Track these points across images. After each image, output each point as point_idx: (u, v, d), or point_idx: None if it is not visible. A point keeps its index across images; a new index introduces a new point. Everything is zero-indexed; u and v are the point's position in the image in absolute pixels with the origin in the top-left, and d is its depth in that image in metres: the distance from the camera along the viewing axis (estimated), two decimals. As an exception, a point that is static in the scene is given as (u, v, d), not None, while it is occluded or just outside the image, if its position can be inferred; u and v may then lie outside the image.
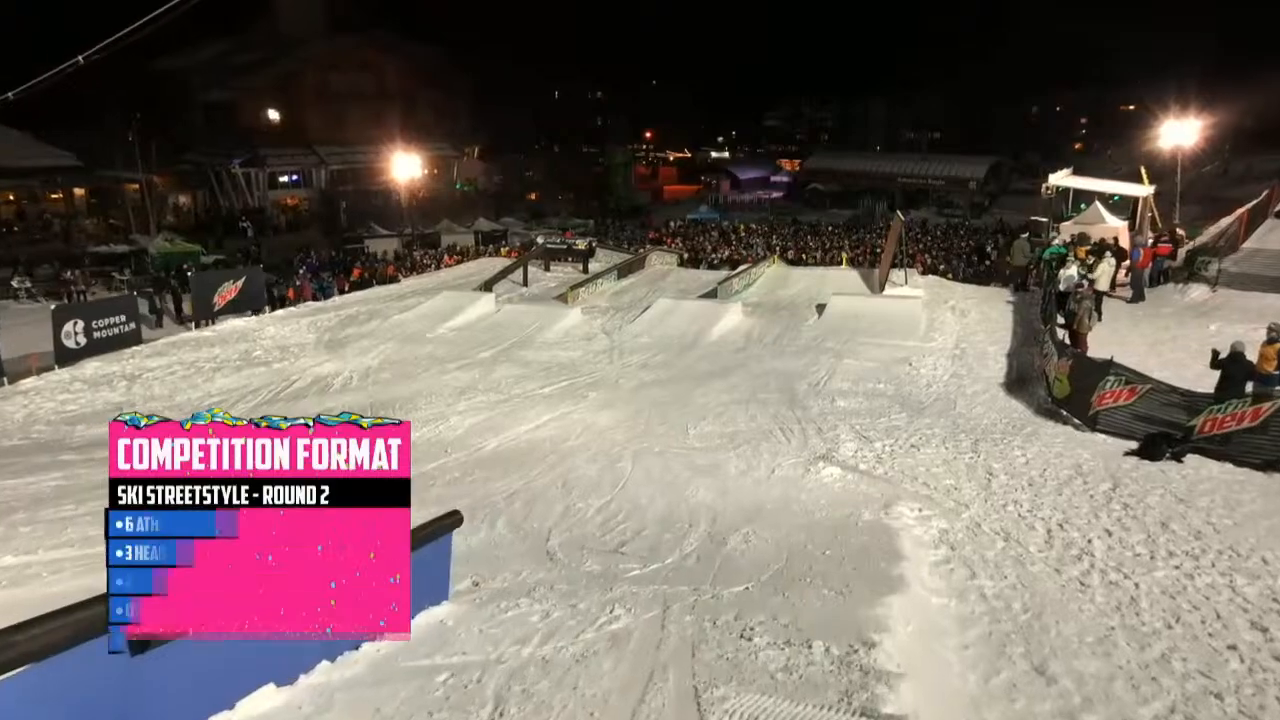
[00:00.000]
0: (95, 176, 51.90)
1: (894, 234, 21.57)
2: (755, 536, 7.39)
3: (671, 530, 7.77)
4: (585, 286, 21.74)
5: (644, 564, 6.98)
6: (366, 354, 16.74)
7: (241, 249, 47.27)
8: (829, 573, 6.41)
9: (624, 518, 8.15)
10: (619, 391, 14.23)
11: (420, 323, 19.13)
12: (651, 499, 8.65)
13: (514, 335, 18.23)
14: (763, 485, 9.17)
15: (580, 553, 7.33)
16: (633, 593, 6.12)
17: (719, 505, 8.41)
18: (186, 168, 59.91)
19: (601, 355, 16.68)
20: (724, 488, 9.07)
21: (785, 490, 8.91)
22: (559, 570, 6.94)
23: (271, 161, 58.85)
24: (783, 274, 23.74)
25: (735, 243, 45.79)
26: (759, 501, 8.50)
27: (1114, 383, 11.21)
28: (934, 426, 11.92)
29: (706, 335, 17.72)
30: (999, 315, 18.91)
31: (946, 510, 8.26)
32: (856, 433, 11.58)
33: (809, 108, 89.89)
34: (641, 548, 7.39)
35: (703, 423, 12.36)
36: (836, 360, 15.72)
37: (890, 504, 8.25)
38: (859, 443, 11.03)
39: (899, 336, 17.07)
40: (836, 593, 5.95)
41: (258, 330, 18.33)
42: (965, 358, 15.80)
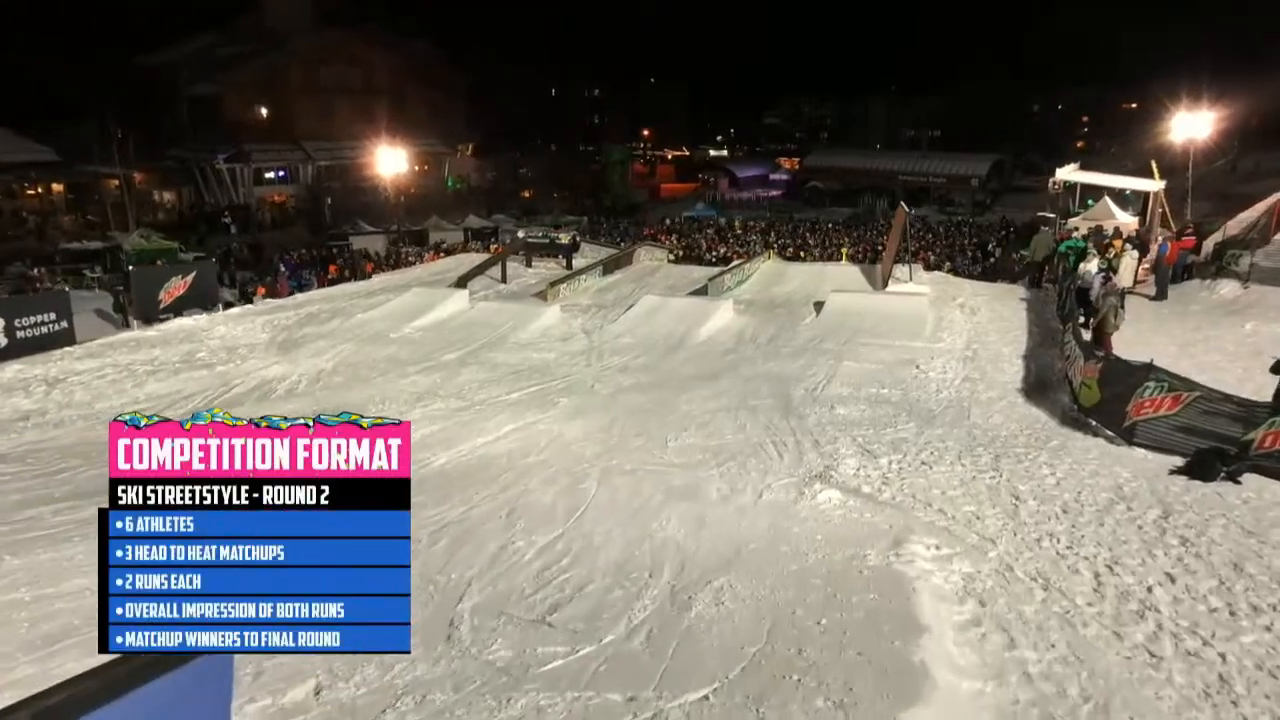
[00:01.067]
0: (73, 172, 50.38)
1: (898, 226, 20.06)
2: (731, 594, 5.90)
3: (625, 583, 6.27)
4: (566, 283, 20.28)
5: (573, 645, 5.46)
6: (321, 355, 15.27)
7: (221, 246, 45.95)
8: (825, 664, 4.91)
9: (570, 563, 6.64)
10: (594, 398, 12.77)
11: (385, 321, 17.65)
12: (609, 535, 7.16)
13: (485, 335, 16.77)
14: (747, 514, 7.70)
15: (495, 624, 5.79)
16: (539, 707, 4.58)
17: (691, 544, 6.91)
18: (171, 164, 58.50)
19: (579, 357, 15.22)
20: (701, 517, 7.59)
21: (774, 521, 7.43)
22: (452, 660, 5.37)
23: (257, 157, 57.37)
24: (778, 270, 22.24)
25: (732, 240, 44.40)
26: (741, 538, 7.02)
27: (1154, 389, 9.74)
28: (947, 439, 10.46)
29: (694, 335, 16.26)
30: (1011, 314, 17.44)
31: (969, 547, 6.79)
32: (859, 446, 10.12)
33: (808, 106, 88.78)
34: (578, 614, 5.86)
35: (684, 434, 10.90)
36: (836, 362, 14.27)
37: (901, 540, 6.78)
38: (862, 458, 9.57)
39: (904, 336, 15.61)
40: (835, 705, 4.45)
41: (207, 330, 16.85)
42: (978, 360, 14.34)
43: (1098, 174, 40.20)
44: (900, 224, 19.51)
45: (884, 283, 18.93)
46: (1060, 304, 17.50)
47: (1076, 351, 12.52)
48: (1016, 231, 46.40)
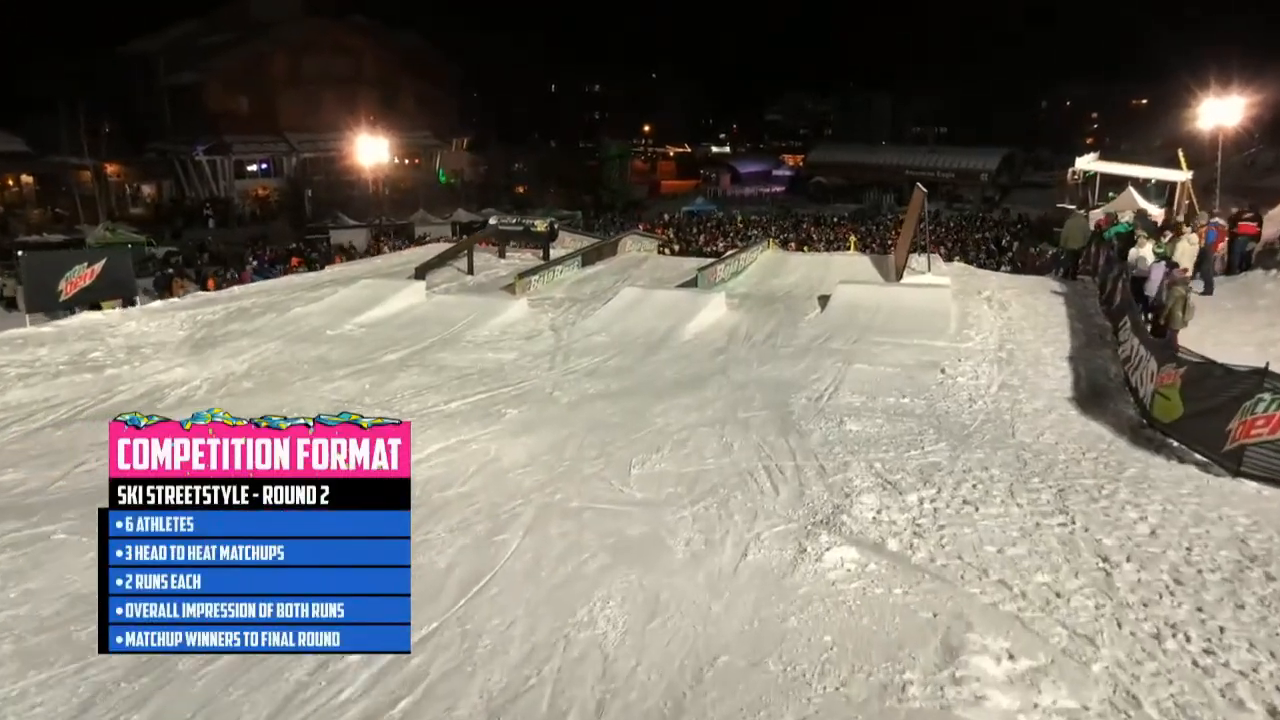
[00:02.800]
0: (40, 163, 48.13)
1: (914, 208, 17.65)
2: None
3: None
4: (539, 274, 17.91)
5: None
6: (237, 356, 12.93)
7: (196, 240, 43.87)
8: None
9: (415, 707, 4.16)
10: (550, 408, 10.43)
11: (324, 317, 15.29)
12: (505, 635, 4.74)
13: (437, 332, 14.42)
14: (723, 591, 5.31)
15: None
16: None
17: (627, 657, 4.46)
18: (152, 156, 56.34)
19: (541, 358, 12.87)
20: (653, 599, 5.20)
21: (760, 604, 5.06)
22: None
23: (238, 149, 55.07)
24: (778, 260, 19.78)
25: (733, 234, 42.07)
26: (708, 644, 4.61)
27: (1272, 404, 7.36)
28: (990, 464, 8.11)
29: (679, 333, 13.89)
30: (1047, 308, 15.04)
31: (1058, 653, 4.44)
32: (877, 475, 7.78)
33: (811, 102, 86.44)
34: None
35: (655, 457, 8.56)
36: (845, 365, 11.91)
37: (956, 645, 4.43)
38: (883, 494, 7.22)
39: (925, 334, 13.23)
40: None
41: (115, 326, 14.51)
42: (1014, 363, 11.96)
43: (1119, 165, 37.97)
44: (917, 207, 17.10)
45: (899, 274, 16.53)
46: (1104, 296, 15.14)
47: (1143, 353, 10.15)
48: (1031, 226, 44.09)
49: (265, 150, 56.16)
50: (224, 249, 40.21)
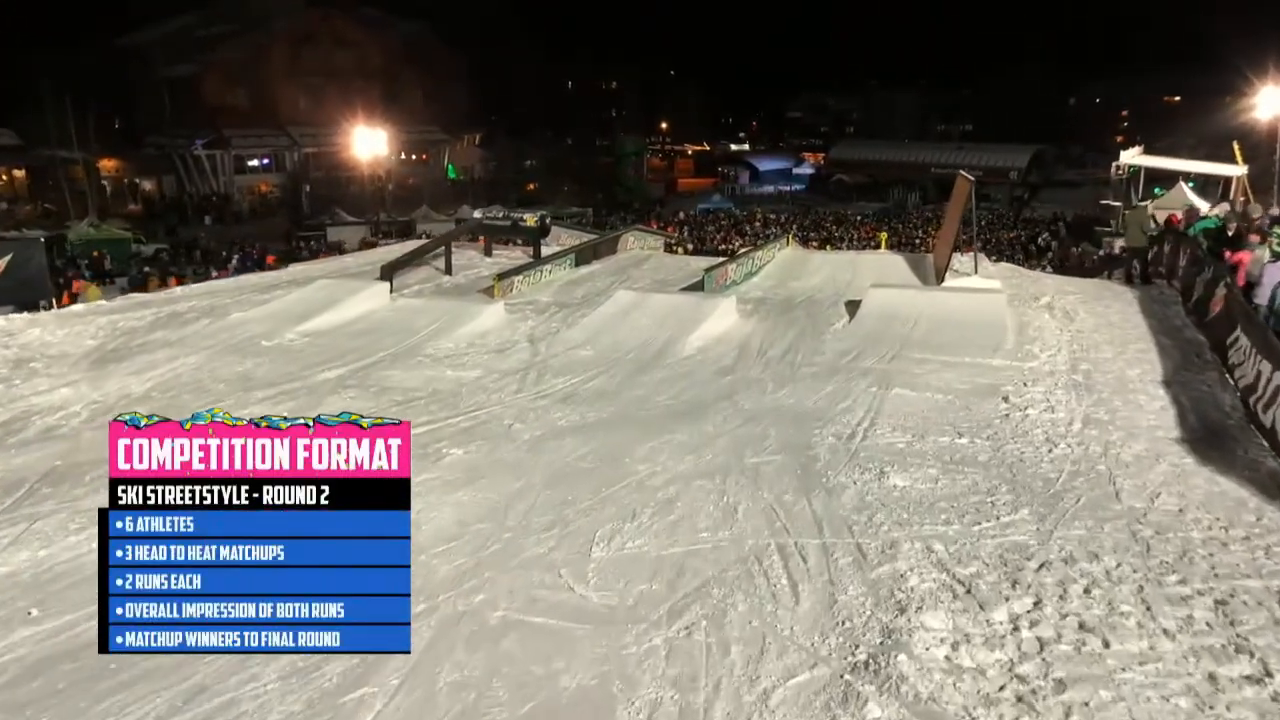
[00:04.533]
0: (31, 156, 46.40)
1: (958, 200, 15.13)
2: None
3: None
4: (524, 275, 15.57)
5: None
6: (143, 373, 10.69)
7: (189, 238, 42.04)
8: None
9: None
10: (506, 447, 8.12)
11: (265, 323, 13.02)
12: None
13: (394, 343, 12.13)
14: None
15: None
16: None
17: None
18: (152, 151, 54.60)
19: (509, 377, 10.54)
20: None
21: None
22: None
23: (237, 143, 53.19)
24: (798, 259, 17.26)
25: (750, 233, 39.66)
26: None
27: None
28: (1100, 548, 5.71)
29: (679, 346, 11.52)
30: (1121, 318, 12.53)
31: None
32: (941, 567, 5.41)
33: (833, 99, 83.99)
34: None
35: (628, 527, 6.23)
36: (881, 390, 9.51)
37: None
38: (954, 607, 4.84)
39: (978, 350, 10.80)
40: None
41: (15, 334, 12.31)
42: (1095, 389, 9.49)
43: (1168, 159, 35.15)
44: (962, 198, 14.59)
45: (940, 275, 14.06)
46: (1190, 305, 12.61)
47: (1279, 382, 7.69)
48: (1068, 225, 41.33)
49: (265, 145, 54.26)
50: (216, 246, 38.37)
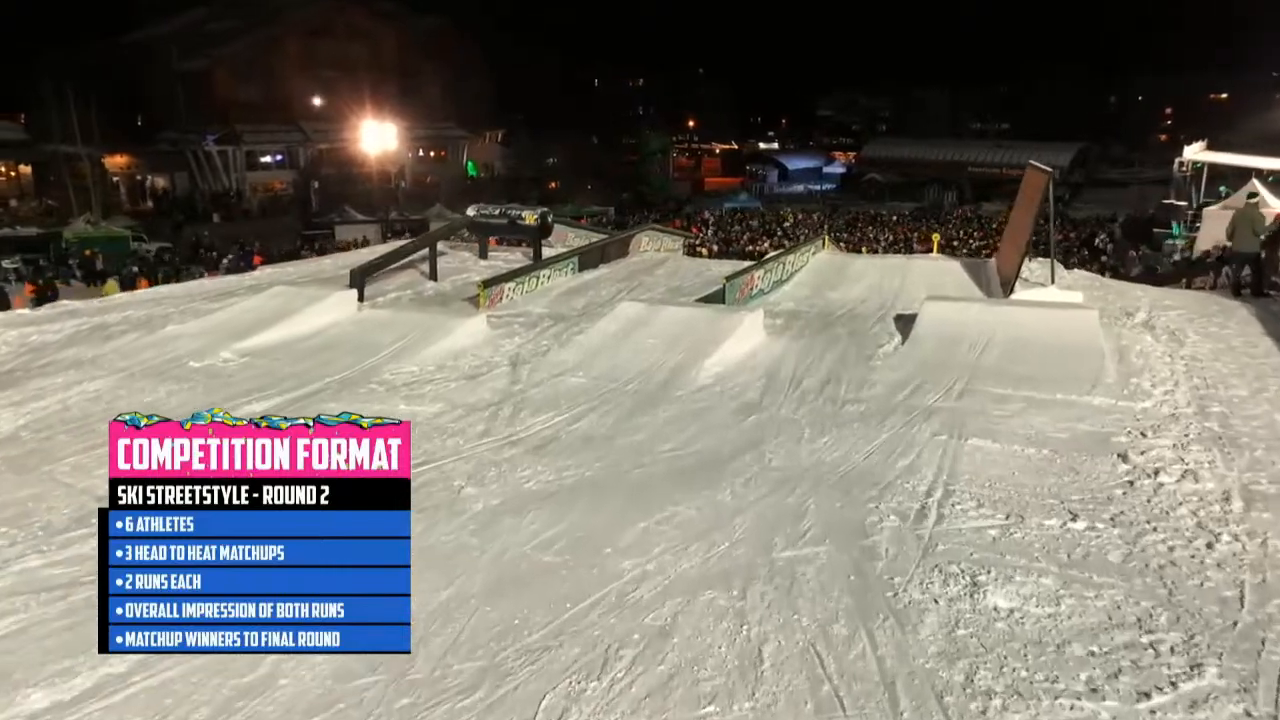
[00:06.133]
0: (35, 151, 45.08)
1: (1030, 195, 12.61)
2: None
3: None
4: (516, 281, 13.40)
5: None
6: (24, 405, 8.65)
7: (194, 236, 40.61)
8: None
9: None
10: (444, 528, 5.97)
11: (200, 339, 10.94)
12: None
13: (347, 365, 10.02)
14: None
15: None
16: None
17: None
18: (165, 147, 53.27)
19: (476, 415, 8.38)
20: None
21: None
22: None
23: (249, 139, 51.74)
24: (836, 264, 14.84)
25: (779, 234, 37.34)
26: None
27: None
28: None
29: (691, 374, 9.28)
30: (1245, 343, 10.09)
31: None
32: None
33: (865, 97, 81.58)
34: None
35: (592, 688, 4.02)
36: (953, 440, 7.22)
37: None
38: None
39: (1071, 385, 8.46)
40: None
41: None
42: (1241, 444, 7.11)
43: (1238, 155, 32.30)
44: (1035, 194, 12.09)
45: (1010, 286, 11.67)
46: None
47: None
48: (1122, 226, 38.49)
49: (278, 140, 52.76)
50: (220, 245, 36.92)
